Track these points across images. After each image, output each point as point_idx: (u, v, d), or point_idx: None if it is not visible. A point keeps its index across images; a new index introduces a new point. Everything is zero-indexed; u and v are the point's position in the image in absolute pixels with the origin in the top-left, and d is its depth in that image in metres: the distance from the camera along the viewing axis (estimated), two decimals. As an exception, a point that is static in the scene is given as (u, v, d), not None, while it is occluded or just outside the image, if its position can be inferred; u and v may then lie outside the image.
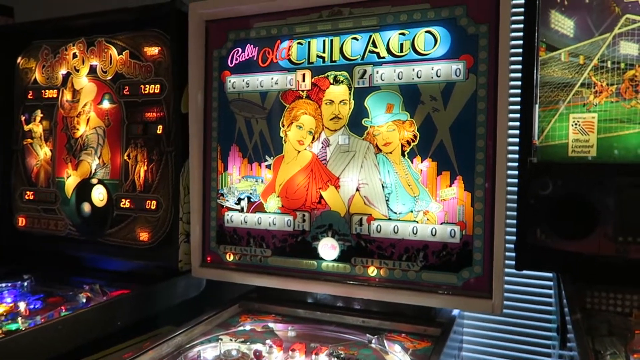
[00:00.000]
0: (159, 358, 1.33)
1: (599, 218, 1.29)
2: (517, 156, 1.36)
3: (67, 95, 2.03)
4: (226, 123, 1.74)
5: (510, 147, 1.37)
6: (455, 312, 1.56)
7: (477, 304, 1.40)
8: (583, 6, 1.31)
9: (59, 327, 1.45)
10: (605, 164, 1.29)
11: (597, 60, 1.30)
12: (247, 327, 1.52)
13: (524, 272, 1.73)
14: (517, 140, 1.36)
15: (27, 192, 2.12)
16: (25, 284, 1.88)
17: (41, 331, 1.42)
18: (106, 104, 1.94)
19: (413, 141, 1.47)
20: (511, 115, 1.37)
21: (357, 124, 1.54)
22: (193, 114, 1.74)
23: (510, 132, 1.37)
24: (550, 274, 1.73)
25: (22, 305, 1.64)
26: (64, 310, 1.62)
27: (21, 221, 2.13)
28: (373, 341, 1.39)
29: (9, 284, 1.85)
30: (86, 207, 1.97)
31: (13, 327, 1.50)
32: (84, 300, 1.70)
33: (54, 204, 2.05)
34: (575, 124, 1.32)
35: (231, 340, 1.41)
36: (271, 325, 1.53)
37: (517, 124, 1.36)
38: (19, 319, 1.54)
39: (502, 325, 1.85)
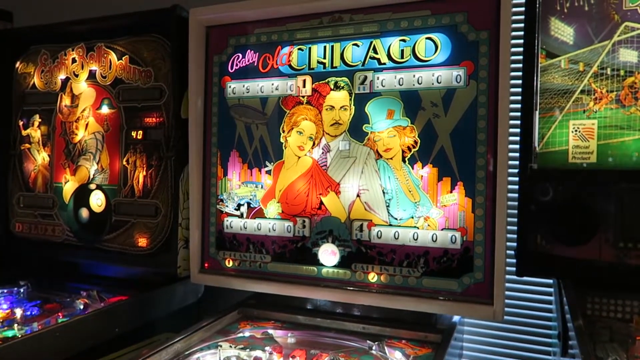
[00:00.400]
0: (158, 365, 1.32)
1: (600, 224, 1.30)
2: (517, 162, 1.36)
3: (66, 100, 2.02)
4: (226, 128, 1.73)
5: (510, 154, 1.37)
6: (456, 318, 1.55)
7: (478, 311, 1.40)
8: (583, 14, 1.32)
9: (56, 334, 1.44)
10: (605, 170, 1.29)
11: (597, 67, 1.30)
12: (247, 334, 1.51)
13: (525, 278, 1.74)
14: (517, 146, 1.37)
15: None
16: (22, 290, 1.86)
17: (38, 338, 1.40)
18: (105, 109, 1.93)
19: (414, 147, 1.48)
20: (511, 122, 1.37)
21: (357, 129, 1.54)
22: (193, 120, 1.74)
23: (511, 138, 1.37)
24: (550, 280, 1.73)
25: (18, 312, 1.63)
26: (61, 317, 1.61)
27: (18, 227, 2.12)
28: (373, 348, 1.38)
29: (5, 290, 1.83)
30: (84, 212, 1.96)
31: (9, 333, 1.48)
32: (82, 307, 1.69)
33: (52, 210, 2.04)
34: (576, 131, 1.33)
35: (231, 347, 1.40)
36: (271, 331, 1.51)
37: (518, 130, 1.36)
38: (15, 325, 1.52)
39: (502, 332, 1.85)
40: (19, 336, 1.43)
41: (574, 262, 1.32)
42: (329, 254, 1.57)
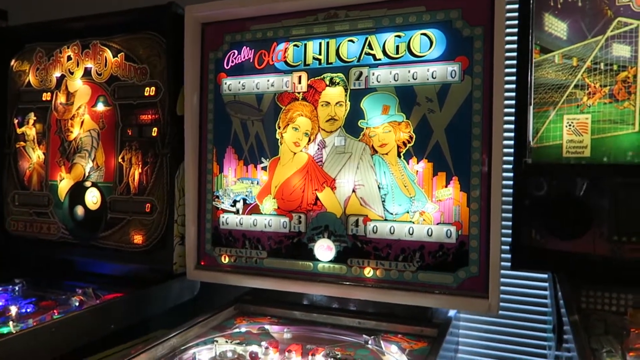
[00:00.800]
0: (154, 360, 1.31)
1: (594, 218, 1.30)
2: (512, 157, 1.37)
3: (61, 98, 2.02)
4: (222, 125, 1.73)
5: (505, 149, 1.38)
6: (452, 312, 1.56)
7: (473, 304, 1.40)
8: (576, 9, 1.33)
9: (51, 330, 1.43)
10: (599, 164, 1.30)
11: (591, 62, 1.31)
12: (243, 329, 1.51)
13: (520, 272, 1.75)
14: (512, 141, 1.37)
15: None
16: (17, 287, 1.85)
17: (33, 334, 1.40)
18: (100, 107, 1.93)
19: (409, 142, 1.48)
20: (506, 117, 1.38)
21: (353, 125, 1.55)
22: (188, 116, 1.74)
23: (505, 133, 1.38)
24: (545, 275, 1.74)
25: (13, 309, 1.62)
26: (56, 314, 1.60)
27: (13, 225, 2.11)
28: (370, 342, 1.38)
29: (0, 288, 1.83)
30: (79, 210, 1.95)
31: (4, 330, 1.47)
32: (77, 304, 1.69)
33: (47, 208, 2.03)
34: (569, 125, 1.33)
35: (227, 342, 1.40)
36: (267, 327, 1.52)
37: (512, 125, 1.37)
38: (11, 322, 1.52)
39: (498, 327, 1.85)
40: (14, 332, 1.42)
41: (569, 256, 1.33)
42: (324, 249, 1.57)
